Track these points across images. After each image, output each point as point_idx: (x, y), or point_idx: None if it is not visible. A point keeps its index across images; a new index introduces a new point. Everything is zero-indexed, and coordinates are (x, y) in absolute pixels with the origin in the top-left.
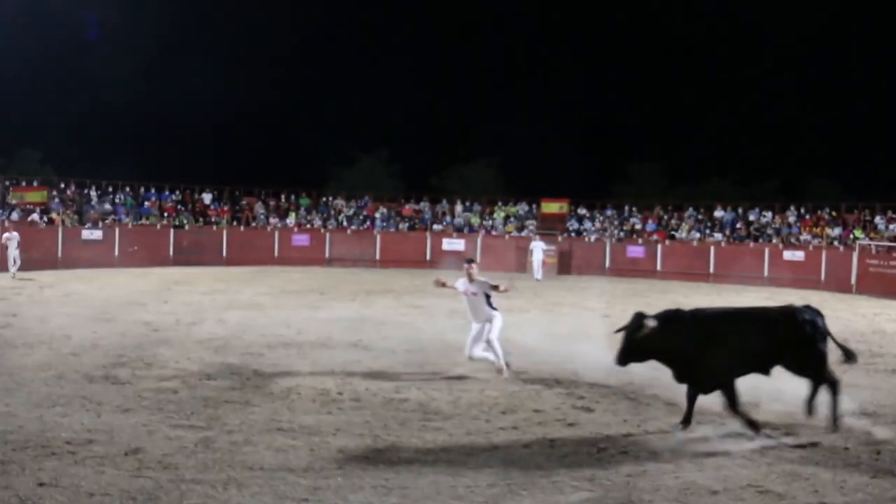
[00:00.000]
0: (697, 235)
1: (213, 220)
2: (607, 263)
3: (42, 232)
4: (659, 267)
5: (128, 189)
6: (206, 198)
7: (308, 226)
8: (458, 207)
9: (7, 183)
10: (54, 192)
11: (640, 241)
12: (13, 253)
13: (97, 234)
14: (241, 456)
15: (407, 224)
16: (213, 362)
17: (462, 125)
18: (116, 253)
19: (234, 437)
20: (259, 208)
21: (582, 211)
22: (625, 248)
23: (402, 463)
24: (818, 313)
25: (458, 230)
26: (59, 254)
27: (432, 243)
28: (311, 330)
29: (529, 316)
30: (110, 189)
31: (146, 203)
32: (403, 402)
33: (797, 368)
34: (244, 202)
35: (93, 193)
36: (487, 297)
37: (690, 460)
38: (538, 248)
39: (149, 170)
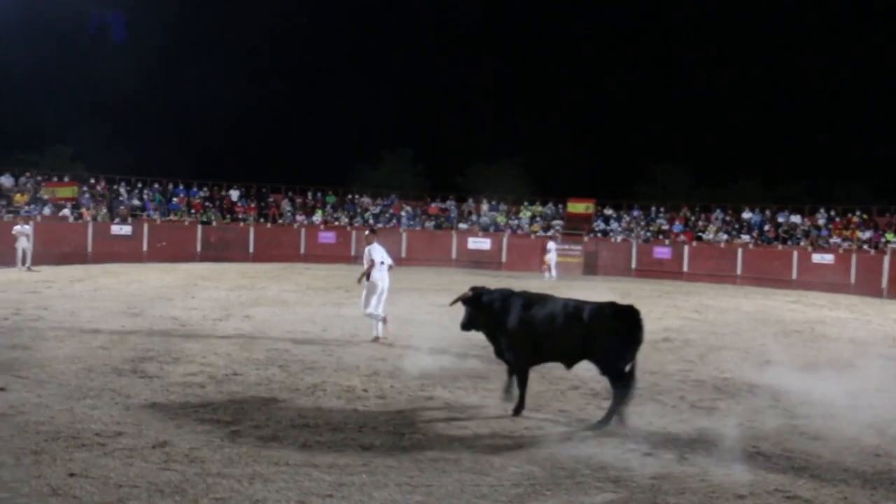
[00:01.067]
0: (725, 237)
1: (240, 216)
2: (633, 264)
3: (72, 227)
4: (685, 268)
5: (156, 185)
6: (234, 194)
7: (334, 223)
8: (484, 206)
9: (39, 179)
10: (85, 188)
11: (666, 241)
12: (25, 245)
13: (126, 230)
14: (267, 451)
15: (433, 222)
16: (239, 358)
17: (488, 124)
18: (145, 248)
19: (259, 432)
20: (286, 205)
21: (608, 211)
22: (651, 249)
23: (426, 461)
24: (635, 317)
25: (484, 229)
26: (89, 248)
27: (458, 242)
28: (336, 327)
29: None
30: (139, 185)
31: (174, 199)
32: (428, 400)
33: (598, 365)
34: (271, 199)
35: (122, 189)
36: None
37: (717, 463)
38: (554, 249)
39: (177, 166)
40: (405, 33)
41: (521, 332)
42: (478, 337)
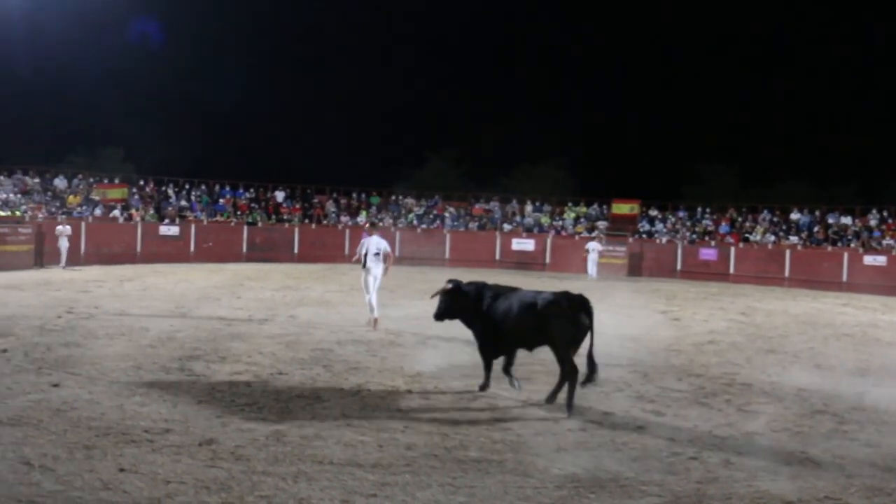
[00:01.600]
0: (772, 238)
1: (285, 217)
2: (678, 266)
3: (122, 227)
4: (732, 270)
5: (203, 186)
6: (279, 195)
7: (379, 224)
8: (529, 207)
9: (91, 181)
10: (134, 190)
11: (712, 243)
12: (65, 245)
13: (174, 230)
14: (311, 450)
15: (476, 223)
16: (284, 357)
17: (533, 124)
18: (192, 248)
19: (304, 431)
20: (330, 206)
21: (653, 212)
22: (697, 251)
23: (469, 462)
24: (585, 306)
25: (528, 230)
26: (138, 249)
27: (502, 243)
28: (380, 327)
29: (598, 318)
30: (187, 186)
31: (221, 200)
32: (472, 400)
33: (552, 350)
34: (316, 200)
35: (170, 190)
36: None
37: (765, 468)
38: (594, 249)
39: (224, 168)
40: (448, 34)
41: (487, 320)
42: None
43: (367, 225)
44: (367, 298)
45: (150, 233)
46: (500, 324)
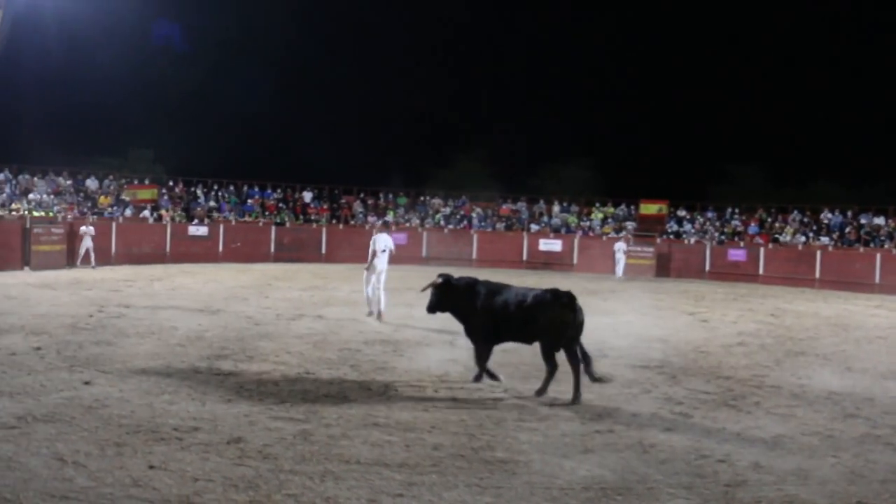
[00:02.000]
0: (803, 239)
1: (312, 217)
2: (707, 266)
3: (152, 228)
4: (761, 271)
5: (231, 187)
6: (307, 196)
7: (405, 224)
8: (556, 208)
9: (122, 181)
10: (163, 190)
11: (741, 244)
12: (88, 245)
13: (203, 231)
14: (338, 449)
15: (504, 224)
16: (311, 357)
17: (560, 125)
18: (220, 248)
19: (331, 431)
20: (358, 206)
21: (681, 212)
22: (725, 252)
23: (496, 462)
24: (574, 305)
25: (555, 231)
26: (167, 249)
27: (529, 243)
28: (407, 328)
29: (625, 319)
30: (215, 187)
31: (249, 200)
32: (499, 401)
33: (540, 345)
34: (343, 200)
35: (199, 191)
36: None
37: (795, 473)
38: (620, 249)
39: (252, 168)
40: (476, 34)
41: (485, 314)
42: None
43: (380, 223)
44: (366, 291)
45: (179, 233)
46: (498, 318)
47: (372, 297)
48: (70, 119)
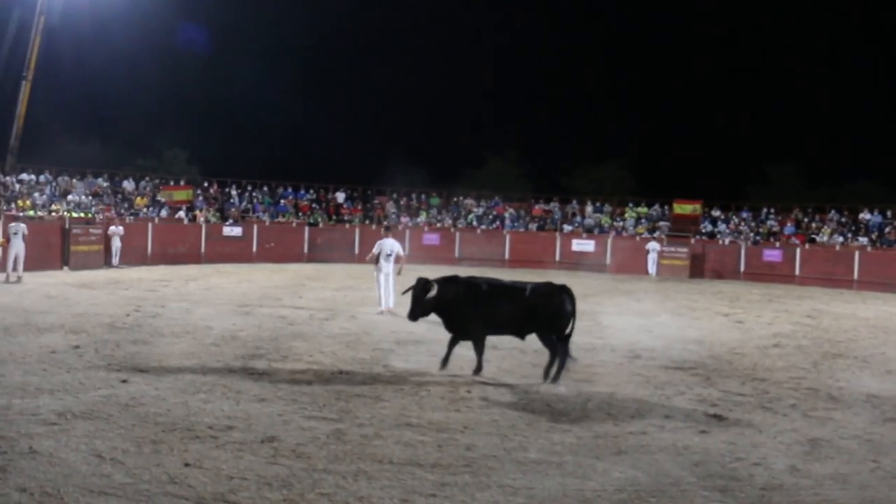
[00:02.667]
0: (840, 239)
1: (346, 218)
2: (742, 267)
3: (187, 228)
4: (797, 272)
5: (265, 188)
6: (340, 196)
7: (438, 225)
8: (589, 208)
9: (157, 182)
10: (198, 191)
11: (777, 244)
12: (117, 245)
13: (237, 231)
14: (371, 449)
15: (536, 224)
16: (345, 357)
17: (593, 124)
18: (254, 249)
19: (364, 431)
20: (390, 207)
21: (716, 212)
22: (761, 252)
23: (528, 463)
24: (569, 294)
25: (588, 231)
26: (202, 249)
27: (562, 244)
28: (440, 328)
29: (660, 320)
30: (249, 187)
31: (282, 201)
32: (531, 402)
33: (540, 336)
34: (376, 201)
35: (233, 192)
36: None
37: (832, 477)
38: (654, 249)
39: (285, 169)
40: (508, 35)
41: (472, 308)
42: (581, 340)
43: (382, 229)
44: (378, 292)
45: (213, 233)
46: (486, 311)
47: (383, 296)
48: (108, 123)
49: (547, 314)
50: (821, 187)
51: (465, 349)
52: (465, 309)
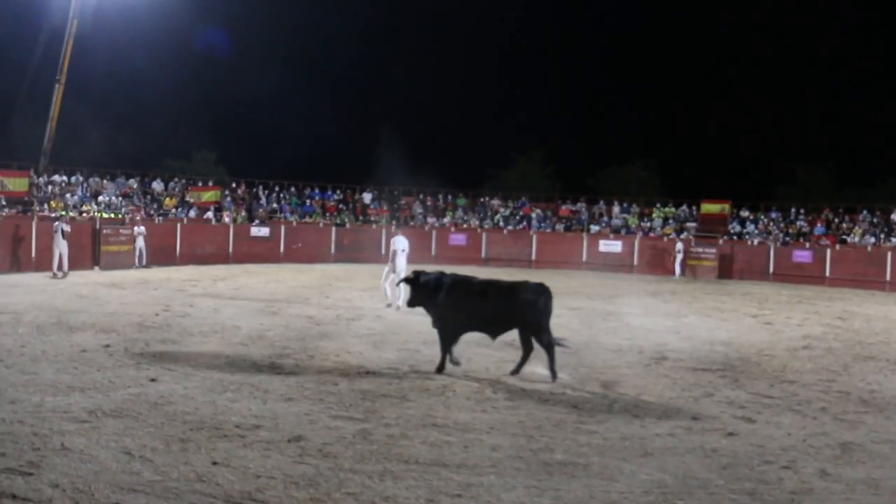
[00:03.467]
0: (872, 240)
1: (372, 218)
2: (771, 268)
3: (215, 229)
4: (828, 273)
5: (292, 188)
6: (367, 197)
7: (465, 225)
8: (616, 208)
9: (186, 183)
10: (226, 192)
11: (807, 245)
12: (141, 245)
13: (264, 231)
14: (397, 449)
15: (563, 225)
16: (371, 357)
17: (620, 125)
18: (282, 249)
19: (390, 431)
20: (417, 207)
21: (744, 213)
22: (790, 253)
23: (555, 465)
24: (544, 292)
25: (615, 231)
26: (230, 249)
27: (588, 244)
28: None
29: (688, 321)
30: (276, 188)
31: (309, 202)
32: (557, 403)
33: (534, 334)
34: (403, 202)
35: (261, 192)
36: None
37: (864, 482)
38: (680, 250)
39: (312, 170)
40: (535, 36)
41: (447, 307)
42: (608, 341)
43: (393, 226)
44: (383, 286)
45: (241, 234)
46: (461, 310)
47: (391, 291)
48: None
49: (537, 312)
50: (851, 187)
51: (492, 349)
52: (442, 306)
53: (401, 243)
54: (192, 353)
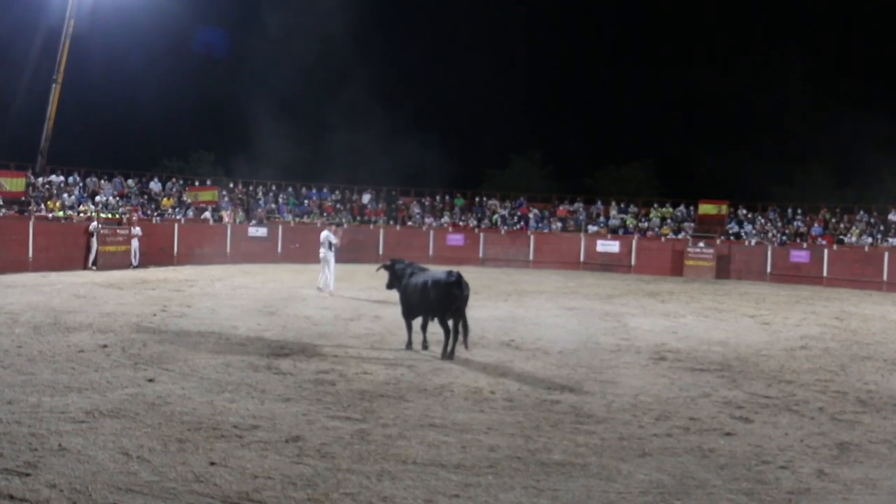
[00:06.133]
0: (869, 240)
1: (370, 219)
2: (768, 268)
3: (212, 229)
4: (825, 273)
5: (290, 189)
6: (365, 197)
7: (462, 225)
8: (613, 209)
9: (182, 182)
10: (224, 192)
11: (804, 245)
12: (136, 246)
13: (262, 231)
14: (395, 449)
15: (561, 225)
16: (369, 357)
17: (617, 125)
18: (279, 249)
19: (388, 431)
20: (415, 208)
21: (742, 213)
22: (788, 253)
23: (553, 465)
24: (460, 282)
25: (613, 231)
26: (228, 249)
27: (586, 244)
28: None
29: (685, 321)
30: (274, 188)
31: (307, 202)
32: (555, 403)
33: (436, 316)
34: (400, 202)
35: (259, 192)
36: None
37: (862, 482)
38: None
39: (309, 170)
40: (533, 36)
41: (404, 292)
42: (606, 341)
43: (335, 227)
44: (327, 276)
45: (239, 234)
46: (410, 295)
47: (329, 279)
48: (135, 125)
49: (438, 297)
50: (848, 187)
51: (490, 349)
52: (401, 292)
53: (329, 237)
54: (190, 353)
